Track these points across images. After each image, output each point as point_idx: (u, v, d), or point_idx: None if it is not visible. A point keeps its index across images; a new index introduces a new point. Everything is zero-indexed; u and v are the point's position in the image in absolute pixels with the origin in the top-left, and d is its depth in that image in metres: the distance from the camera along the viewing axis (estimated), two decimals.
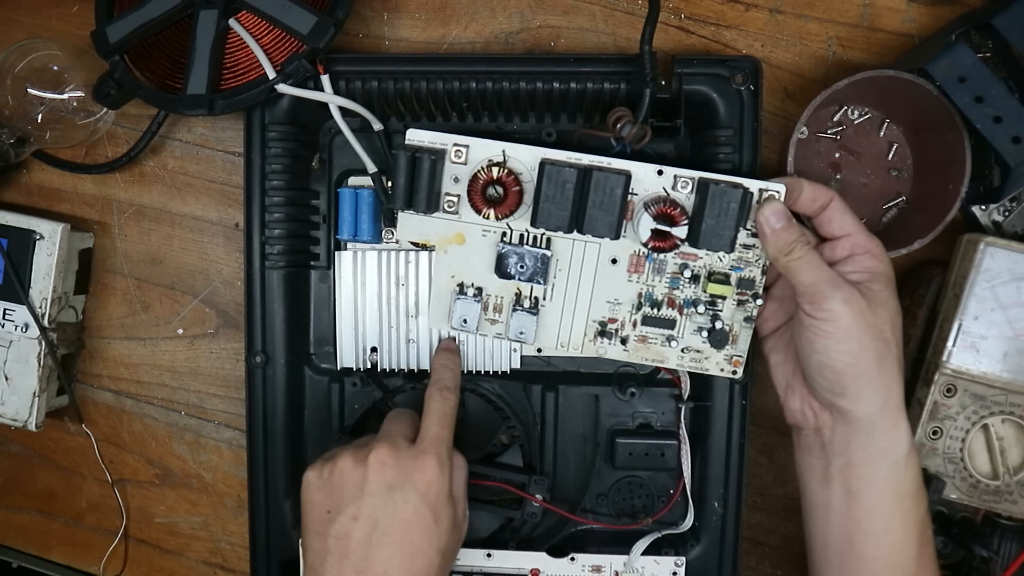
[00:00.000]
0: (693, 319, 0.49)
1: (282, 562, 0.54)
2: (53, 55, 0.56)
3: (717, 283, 0.47)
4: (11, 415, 0.58)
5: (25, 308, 0.56)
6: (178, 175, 0.59)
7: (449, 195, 0.47)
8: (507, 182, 0.46)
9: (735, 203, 0.44)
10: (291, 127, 0.51)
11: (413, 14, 0.56)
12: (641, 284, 0.48)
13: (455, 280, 0.49)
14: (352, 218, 0.53)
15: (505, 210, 0.46)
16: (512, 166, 0.47)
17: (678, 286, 0.48)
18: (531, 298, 0.49)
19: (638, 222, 0.46)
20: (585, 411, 0.53)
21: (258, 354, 0.52)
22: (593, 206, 0.45)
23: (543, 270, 0.48)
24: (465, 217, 0.48)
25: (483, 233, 0.48)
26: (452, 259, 0.48)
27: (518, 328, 0.49)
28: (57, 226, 0.56)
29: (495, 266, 0.48)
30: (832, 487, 0.44)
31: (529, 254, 0.47)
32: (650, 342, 0.49)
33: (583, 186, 0.45)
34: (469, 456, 0.52)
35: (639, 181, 0.46)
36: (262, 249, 0.52)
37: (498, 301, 0.49)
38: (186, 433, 0.61)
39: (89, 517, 0.63)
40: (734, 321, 0.48)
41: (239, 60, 0.51)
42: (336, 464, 0.44)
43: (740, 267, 0.47)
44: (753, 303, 0.48)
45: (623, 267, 0.48)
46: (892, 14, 0.53)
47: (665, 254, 0.47)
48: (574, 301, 0.49)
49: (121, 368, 0.61)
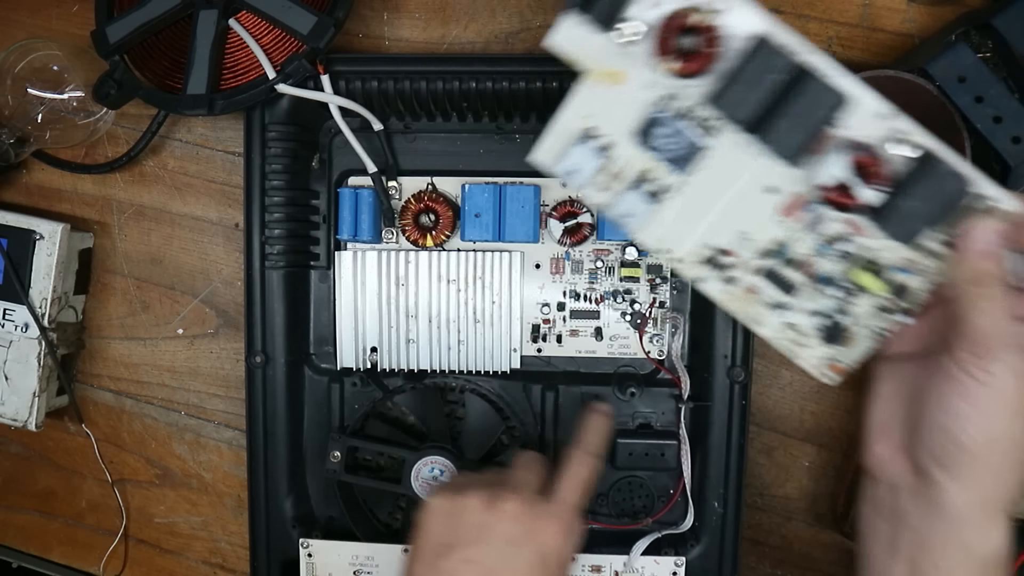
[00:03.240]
0: (818, 298, 0.40)
1: (282, 562, 0.54)
2: (53, 55, 0.56)
3: (868, 274, 0.39)
4: (11, 415, 0.58)
5: (25, 308, 0.56)
6: (178, 175, 0.59)
7: (634, 20, 0.38)
8: (708, 37, 0.37)
9: (951, 195, 0.36)
10: (291, 127, 0.51)
11: (413, 14, 0.56)
12: (785, 231, 0.39)
13: (587, 121, 0.40)
14: (352, 218, 0.53)
15: (691, 68, 0.38)
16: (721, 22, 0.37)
17: (825, 254, 0.39)
18: (658, 183, 0.40)
19: (826, 160, 0.38)
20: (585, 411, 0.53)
21: (258, 354, 0.53)
22: (786, 115, 0.37)
23: (689, 158, 0.39)
24: (637, 56, 0.38)
25: (647, 85, 0.39)
26: (597, 96, 0.40)
27: (628, 210, 0.41)
28: (57, 226, 0.56)
29: (640, 129, 0.39)
30: (897, 561, 0.38)
31: (685, 132, 0.39)
32: (756, 297, 0.41)
33: (789, 86, 0.37)
34: (469, 456, 0.52)
35: (853, 114, 0.37)
36: (262, 249, 0.52)
37: (621, 169, 0.40)
38: (186, 433, 0.61)
39: (89, 517, 0.63)
40: (861, 323, 0.40)
41: (239, 60, 0.51)
42: (465, 500, 0.43)
43: (908, 270, 0.38)
44: (897, 316, 0.39)
45: (776, 202, 0.39)
46: (892, 14, 0.53)
47: (834, 212, 0.38)
48: (703, 211, 0.40)
49: (121, 368, 0.61)
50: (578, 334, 0.54)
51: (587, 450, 0.46)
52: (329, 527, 0.55)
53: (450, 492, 0.44)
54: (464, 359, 0.53)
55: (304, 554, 0.53)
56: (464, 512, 0.42)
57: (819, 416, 0.55)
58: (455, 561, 0.41)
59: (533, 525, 0.42)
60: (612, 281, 0.53)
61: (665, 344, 0.53)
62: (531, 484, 0.44)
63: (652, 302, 0.53)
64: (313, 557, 0.53)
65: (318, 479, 0.54)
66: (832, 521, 0.55)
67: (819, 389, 0.55)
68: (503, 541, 0.41)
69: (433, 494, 0.44)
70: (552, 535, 0.42)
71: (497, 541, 0.41)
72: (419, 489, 0.51)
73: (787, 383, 0.55)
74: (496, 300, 0.53)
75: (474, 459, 0.52)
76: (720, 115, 0.38)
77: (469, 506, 0.42)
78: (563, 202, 0.52)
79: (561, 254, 0.54)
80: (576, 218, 0.52)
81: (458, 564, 0.41)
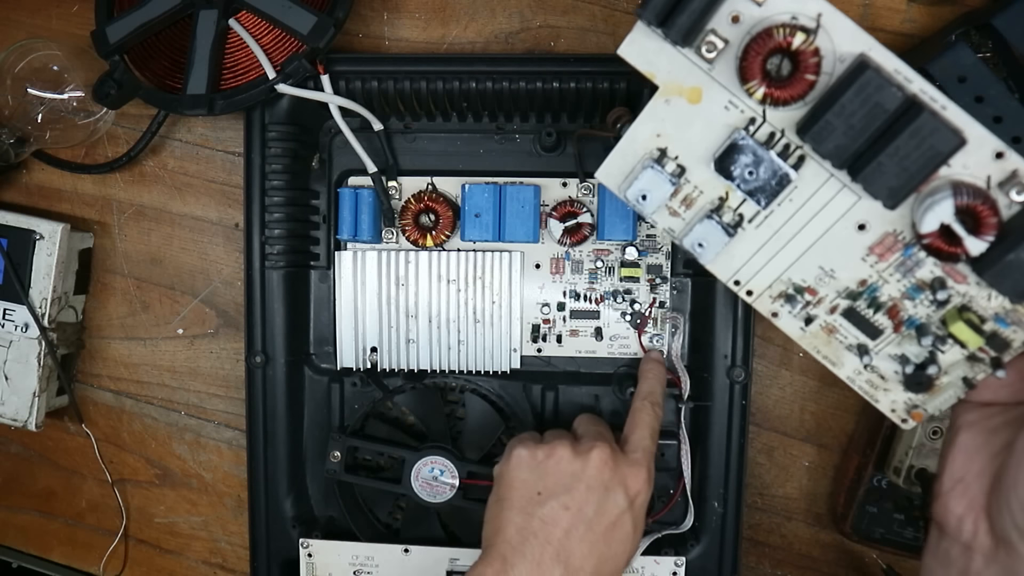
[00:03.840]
0: (904, 345, 0.38)
1: (282, 562, 0.54)
2: (53, 55, 0.56)
3: (967, 325, 0.36)
4: (11, 415, 0.58)
5: (25, 308, 0.56)
6: (178, 175, 0.59)
7: (717, 37, 0.34)
8: (806, 61, 0.34)
9: None
10: (291, 127, 0.51)
11: (413, 14, 0.56)
12: (873, 272, 0.37)
13: (658, 142, 0.37)
14: (352, 218, 0.53)
15: (785, 95, 0.34)
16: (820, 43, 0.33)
17: (915, 298, 0.37)
18: (736, 213, 0.37)
19: (929, 203, 0.34)
20: (585, 411, 0.53)
21: (258, 354, 0.53)
22: (892, 153, 0.33)
23: (774, 191, 0.36)
24: (720, 75, 0.35)
25: (728, 106, 0.36)
26: (670, 114, 0.36)
27: (701, 238, 0.38)
28: (57, 226, 0.56)
29: (719, 155, 0.36)
30: None
31: (769, 162, 0.36)
32: (836, 338, 0.39)
33: (897, 122, 0.33)
34: (469, 456, 0.52)
35: (967, 153, 0.33)
36: (262, 249, 0.52)
37: (694, 195, 0.37)
38: (186, 433, 0.61)
39: (89, 517, 0.63)
40: (950, 372, 0.37)
41: (239, 60, 0.51)
42: (555, 450, 0.44)
43: (1006, 322, 0.36)
44: (987, 368, 0.37)
45: (866, 241, 0.36)
46: (892, 14, 0.53)
47: (934, 259, 0.36)
48: (783, 245, 0.37)
49: (121, 368, 0.61)
50: (578, 334, 0.54)
51: (653, 399, 0.48)
52: (329, 527, 0.55)
53: (533, 443, 0.45)
54: (464, 359, 0.53)
55: (304, 554, 0.53)
56: (556, 461, 0.44)
57: (819, 416, 0.55)
58: (552, 507, 0.43)
59: (619, 471, 0.44)
60: (612, 281, 0.54)
61: (665, 344, 0.53)
62: (609, 436, 0.46)
63: (652, 302, 0.53)
64: (313, 557, 0.53)
65: (318, 479, 0.54)
66: (832, 521, 0.55)
67: (819, 389, 0.55)
68: (598, 486, 0.43)
69: (518, 444, 0.45)
70: (635, 479, 0.44)
71: (593, 486, 0.43)
72: (419, 489, 0.51)
73: (787, 383, 0.55)
74: (496, 300, 0.53)
75: (474, 459, 0.52)
76: (810, 146, 0.35)
77: (560, 455, 0.44)
78: (563, 202, 0.52)
79: (561, 254, 0.54)
80: (576, 218, 0.52)
81: (556, 510, 0.42)
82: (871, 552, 0.55)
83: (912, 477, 0.49)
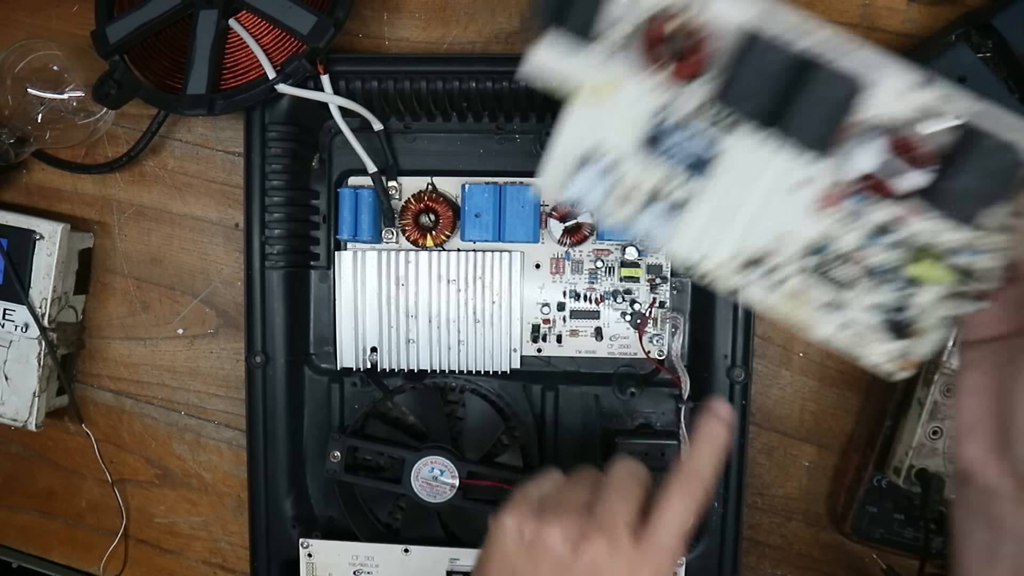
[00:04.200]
0: (876, 292, 0.36)
1: (282, 562, 0.54)
2: (53, 55, 0.56)
3: (929, 262, 0.35)
4: (11, 415, 0.58)
5: (25, 308, 0.56)
6: (178, 175, 0.59)
7: (616, 25, 0.34)
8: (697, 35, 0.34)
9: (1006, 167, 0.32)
10: (291, 127, 0.51)
11: (413, 14, 0.56)
12: (827, 225, 0.36)
13: (585, 142, 0.37)
14: (352, 218, 0.53)
15: (687, 71, 0.35)
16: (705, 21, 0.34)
17: (873, 245, 0.36)
18: (676, 194, 0.37)
19: (857, 147, 0.34)
20: (585, 411, 0.53)
21: (258, 354, 0.53)
22: (800, 107, 0.33)
23: (705, 163, 0.36)
24: (626, 64, 0.35)
25: (642, 92, 0.36)
26: (591, 114, 0.37)
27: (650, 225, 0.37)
28: (57, 226, 0.56)
29: (645, 141, 0.36)
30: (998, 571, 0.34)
31: (695, 137, 0.35)
32: (806, 299, 0.37)
33: (799, 75, 0.33)
34: (469, 456, 0.52)
35: (875, 94, 0.33)
36: (262, 249, 0.52)
37: (633, 185, 0.37)
38: (186, 433, 0.61)
39: (89, 517, 0.63)
40: (929, 314, 0.36)
41: (239, 60, 0.51)
42: (543, 531, 0.37)
43: (974, 250, 0.34)
44: (968, 303, 0.35)
45: (811, 196, 0.36)
46: (892, 14, 0.53)
47: (878, 200, 0.35)
48: (732, 215, 0.37)
49: (121, 368, 0.61)
50: (578, 334, 0.54)
51: (697, 474, 0.38)
52: (329, 527, 0.55)
53: (530, 513, 0.39)
54: (464, 359, 0.53)
55: (304, 554, 0.53)
56: (542, 545, 0.37)
57: (819, 416, 0.55)
58: None
59: (619, 569, 0.36)
60: (612, 281, 0.54)
61: (665, 344, 0.53)
62: (625, 516, 0.37)
63: (652, 302, 0.53)
64: (313, 557, 0.53)
65: (318, 479, 0.54)
66: (832, 521, 0.55)
67: (819, 389, 0.55)
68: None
69: (511, 510, 0.39)
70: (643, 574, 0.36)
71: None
72: (419, 489, 0.51)
73: (787, 383, 0.55)
74: (496, 300, 0.53)
75: (474, 459, 0.52)
76: (729, 112, 0.35)
77: (548, 538, 0.37)
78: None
79: (561, 254, 0.54)
80: (576, 218, 0.52)
81: None
82: (871, 552, 0.55)
83: (912, 477, 0.49)
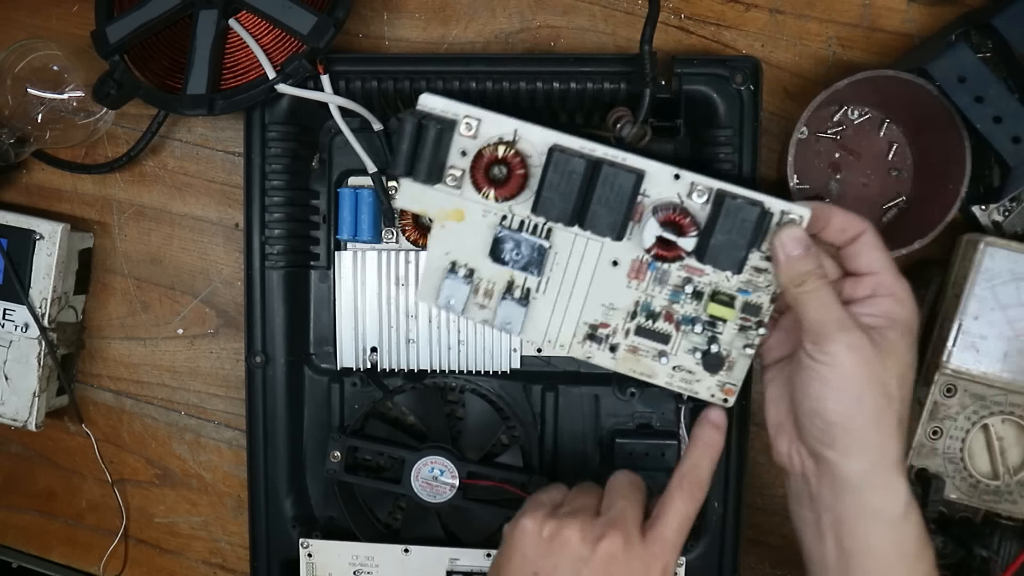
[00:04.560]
0: (689, 338, 0.45)
1: (282, 562, 0.54)
2: (53, 55, 0.56)
3: (720, 304, 0.44)
4: (11, 415, 0.58)
5: (25, 308, 0.56)
6: (178, 175, 0.59)
7: (453, 168, 0.44)
8: (513, 163, 0.43)
9: (750, 221, 0.41)
10: (291, 127, 0.51)
11: (413, 14, 0.56)
12: (640, 292, 0.45)
13: (448, 257, 0.46)
14: (352, 218, 0.53)
15: (507, 192, 0.44)
16: (522, 148, 0.44)
17: (679, 300, 0.45)
18: (523, 288, 0.46)
19: (644, 226, 0.43)
20: (585, 411, 0.53)
21: (258, 354, 0.53)
22: (598, 202, 0.42)
23: (539, 261, 0.45)
24: (467, 194, 0.45)
25: (483, 213, 0.45)
26: (448, 235, 0.45)
27: (505, 317, 0.46)
28: (57, 226, 0.56)
29: (490, 250, 0.45)
30: (826, 543, 0.41)
31: (526, 242, 0.45)
32: (641, 354, 0.46)
33: (591, 179, 0.42)
34: (469, 456, 0.52)
35: (653, 182, 0.43)
36: (262, 249, 0.52)
37: (489, 286, 0.46)
38: (186, 433, 0.61)
39: (89, 517, 0.63)
40: (733, 347, 0.45)
41: (239, 60, 0.51)
42: (562, 531, 0.41)
43: (748, 291, 0.44)
44: (756, 331, 0.45)
45: (623, 271, 0.45)
46: (892, 14, 0.53)
47: (669, 264, 0.44)
48: (567, 299, 0.46)
49: (121, 368, 0.61)
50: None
51: (695, 479, 0.43)
52: (329, 527, 0.55)
53: (545, 515, 0.42)
54: (464, 359, 0.53)
55: (304, 554, 0.53)
56: (560, 543, 0.40)
57: None
58: None
59: (632, 566, 0.40)
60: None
61: None
62: (632, 517, 0.41)
63: None
64: (313, 557, 0.53)
65: (318, 479, 0.54)
66: None
67: None
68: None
69: (529, 513, 0.42)
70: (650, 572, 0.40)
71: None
72: (419, 489, 0.51)
73: None
74: None
75: (474, 459, 0.52)
76: (544, 219, 0.44)
77: (566, 537, 0.40)
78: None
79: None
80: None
81: None
82: None
83: (912, 477, 0.49)
